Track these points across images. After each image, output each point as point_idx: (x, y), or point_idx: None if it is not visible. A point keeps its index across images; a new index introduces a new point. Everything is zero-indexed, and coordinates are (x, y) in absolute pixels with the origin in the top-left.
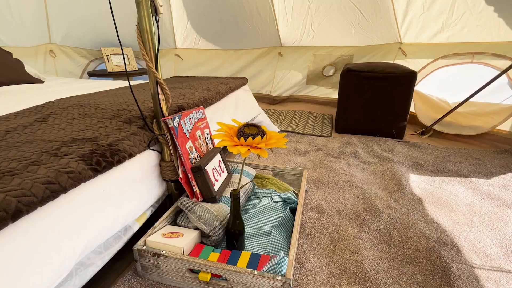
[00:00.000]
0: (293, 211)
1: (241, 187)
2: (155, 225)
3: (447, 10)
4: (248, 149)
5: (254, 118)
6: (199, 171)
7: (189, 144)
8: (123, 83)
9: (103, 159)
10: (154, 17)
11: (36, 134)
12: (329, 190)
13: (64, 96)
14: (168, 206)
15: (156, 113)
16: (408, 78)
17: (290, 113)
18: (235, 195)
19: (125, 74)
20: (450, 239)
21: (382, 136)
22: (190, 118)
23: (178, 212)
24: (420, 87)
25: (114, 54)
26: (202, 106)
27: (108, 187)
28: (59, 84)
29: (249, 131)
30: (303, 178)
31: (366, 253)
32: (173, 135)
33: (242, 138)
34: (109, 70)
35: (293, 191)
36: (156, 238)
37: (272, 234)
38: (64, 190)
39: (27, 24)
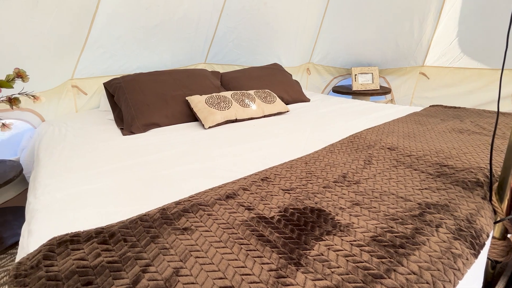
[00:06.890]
0: None
1: None
2: None
3: None
4: None
5: None
6: None
7: None
8: (375, 108)
9: (475, 242)
10: None
11: (380, 183)
12: None
13: (343, 123)
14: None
15: (505, 185)
16: None
17: None
18: None
19: (367, 93)
20: None
21: None
22: None
23: None
24: None
25: (361, 73)
26: None
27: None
28: (321, 102)
29: None
30: None
31: None
32: None
33: None
34: (354, 88)
35: None
36: None
37: None
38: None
39: (300, 47)
